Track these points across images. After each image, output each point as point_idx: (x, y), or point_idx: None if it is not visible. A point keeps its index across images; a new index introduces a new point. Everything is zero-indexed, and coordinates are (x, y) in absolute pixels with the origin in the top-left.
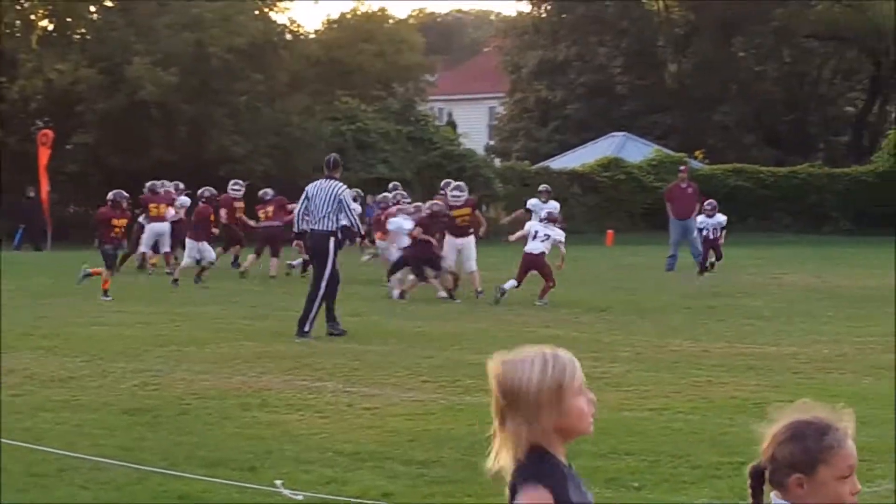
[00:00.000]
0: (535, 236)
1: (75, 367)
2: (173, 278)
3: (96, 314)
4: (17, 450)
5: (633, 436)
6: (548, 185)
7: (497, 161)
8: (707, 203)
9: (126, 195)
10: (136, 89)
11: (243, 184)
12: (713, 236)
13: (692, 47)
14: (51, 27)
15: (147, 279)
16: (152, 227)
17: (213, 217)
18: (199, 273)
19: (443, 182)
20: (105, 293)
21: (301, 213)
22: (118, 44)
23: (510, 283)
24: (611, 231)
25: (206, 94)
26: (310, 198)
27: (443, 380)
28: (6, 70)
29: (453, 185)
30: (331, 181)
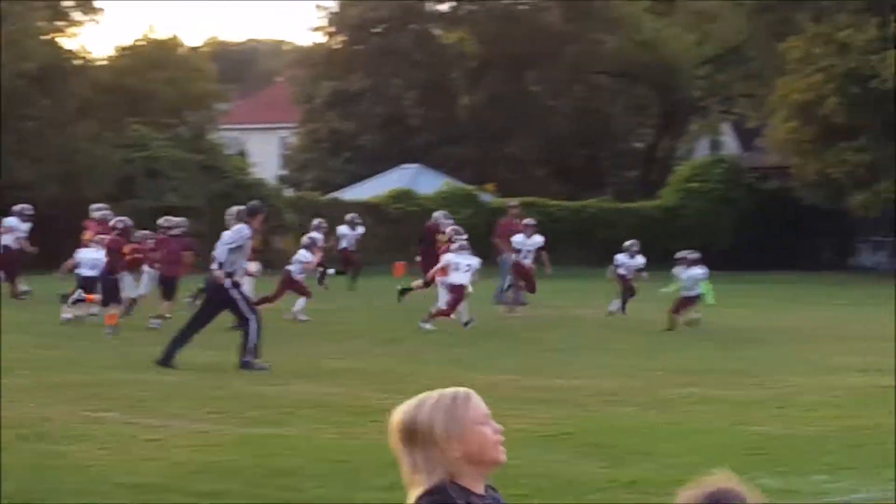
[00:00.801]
0: (458, 268)
1: None
2: None
3: None
4: None
5: None
6: (531, 219)
7: (289, 191)
8: (631, 243)
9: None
10: None
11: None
12: (630, 276)
13: (485, 81)
14: None
15: None
16: None
17: None
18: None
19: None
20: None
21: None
22: None
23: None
24: (401, 263)
25: None
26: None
27: (230, 411)
28: None
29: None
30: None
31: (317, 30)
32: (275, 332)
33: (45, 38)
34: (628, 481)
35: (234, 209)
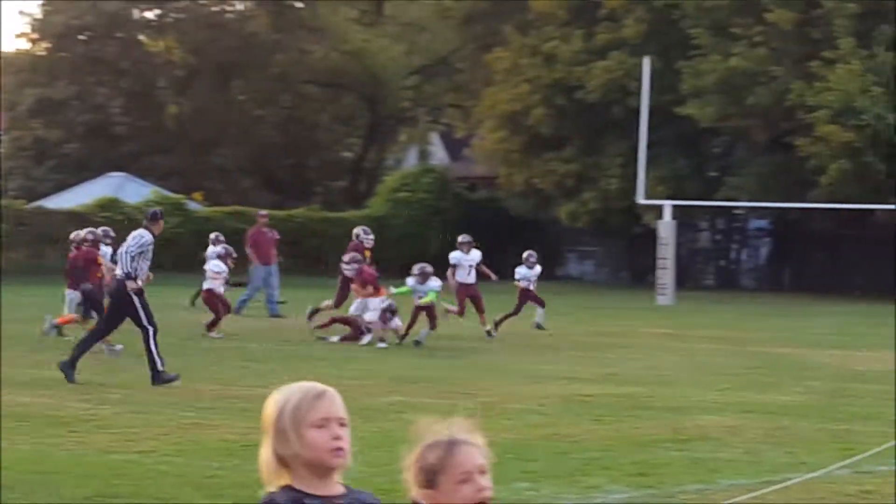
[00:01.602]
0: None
1: None
2: None
3: None
4: None
5: (120, 479)
6: (468, 236)
7: None
8: (528, 254)
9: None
10: None
11: None
12: (532, 287)
13: (192, 89)
14: None
15: None
16: None
17: None
18: None
19: None
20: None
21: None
22: None
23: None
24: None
25: None
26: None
27: None
28: None
29: None
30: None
31: (20, 36)
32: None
33: None
34: None
35: None
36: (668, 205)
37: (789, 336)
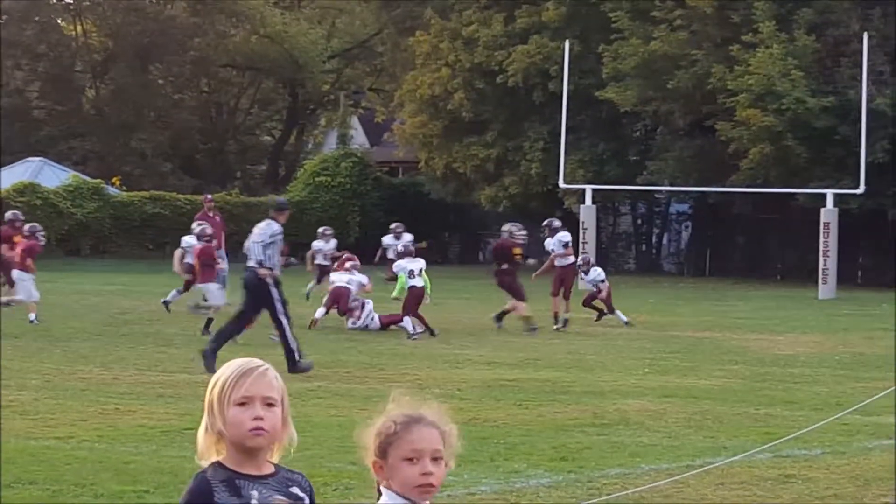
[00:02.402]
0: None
1: None
2: None
3: None
4: None
5: (38, 465)
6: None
7: None
8: (582, 259)
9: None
10: None
11: None
12: (597, 290)
13: (110, 74)
14: None
15: None
16: None
17: None
18: None
19: None
20: None
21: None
22: None
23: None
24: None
25: None
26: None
27: None
28: None
29: None
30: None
31: None
32: None
33: None
34: None
35: None
36: (589, 189)
37: (710, 320)
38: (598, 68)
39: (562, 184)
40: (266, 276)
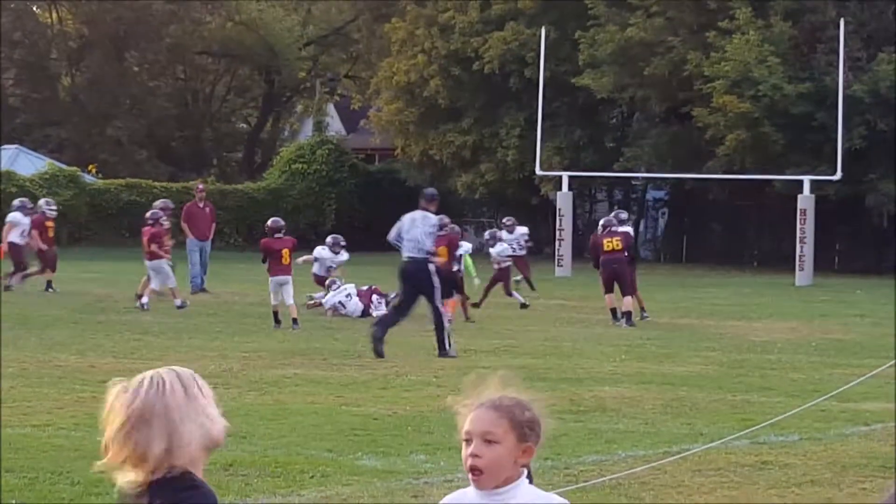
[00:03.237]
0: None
1: None
2: None
3: None
4: None
5: (15, 453)
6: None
7: None
8: (506, 219)
9: None
10: None
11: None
12: (519, 252)
13: (86, 61)
14: None
15: None
16: None
17: None
18: None
19: None
20: None
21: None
22: None
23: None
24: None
25: None
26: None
27: None
28: None
29: None
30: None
31: None
32: None
33: None
34: (226, 463)
35: None
36: (565, 175)
37: (687, 307)
38: (575, 55)
39: (538, 170)
40: (438, 265)
